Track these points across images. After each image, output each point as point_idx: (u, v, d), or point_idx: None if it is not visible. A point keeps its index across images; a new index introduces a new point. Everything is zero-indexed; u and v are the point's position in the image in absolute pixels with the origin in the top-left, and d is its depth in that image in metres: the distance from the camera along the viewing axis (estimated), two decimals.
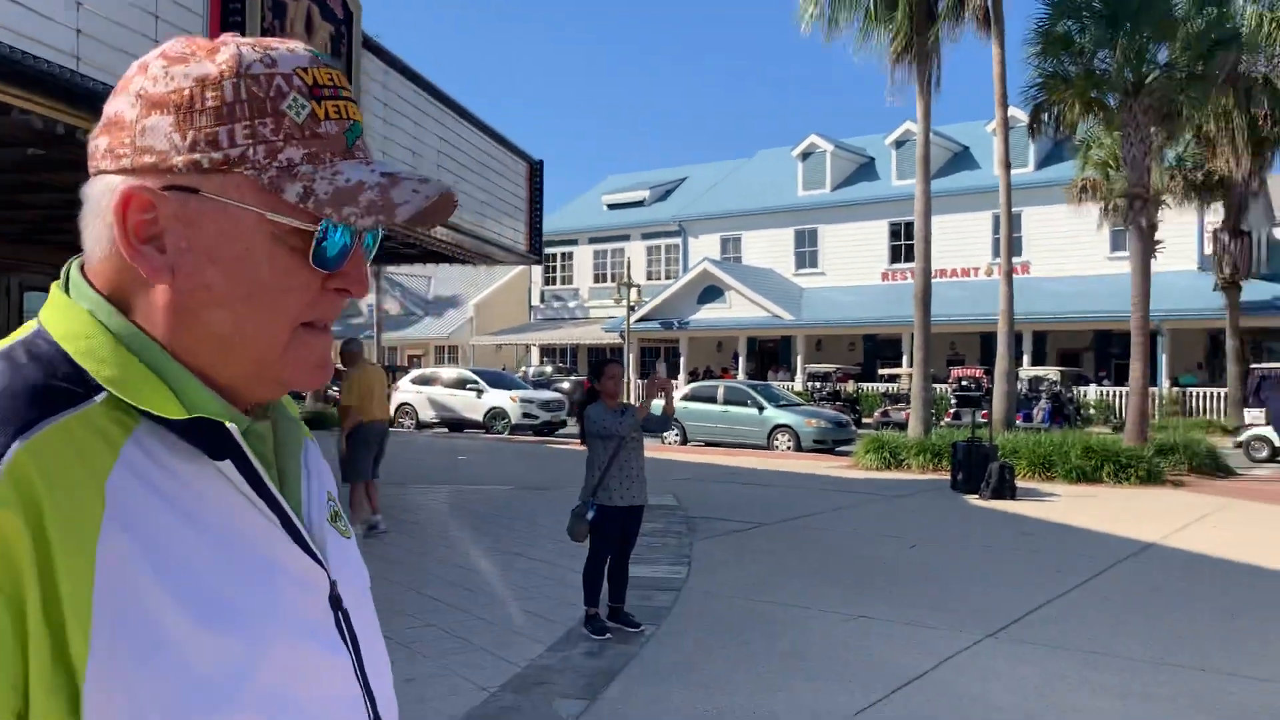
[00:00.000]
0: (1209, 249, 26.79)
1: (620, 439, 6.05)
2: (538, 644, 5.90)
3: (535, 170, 13.11)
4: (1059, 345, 32.23)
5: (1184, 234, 29.23)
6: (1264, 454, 18.67)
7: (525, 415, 23.85)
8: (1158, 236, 22.90)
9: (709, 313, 36.00)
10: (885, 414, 26.65)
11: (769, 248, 38.88)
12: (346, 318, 47.35)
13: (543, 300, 45.06)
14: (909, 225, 30.40)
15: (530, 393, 25.20)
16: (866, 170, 38.94)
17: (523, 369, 39.45)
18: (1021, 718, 4.76)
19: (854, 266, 36.66)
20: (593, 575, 6.13)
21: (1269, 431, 18.76)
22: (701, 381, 27.36)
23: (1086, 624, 6.49)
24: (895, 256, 35.14)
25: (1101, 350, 31.10)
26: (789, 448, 20.51)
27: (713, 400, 22.22)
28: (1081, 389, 28.42)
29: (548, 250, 44.20)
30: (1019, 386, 24.82)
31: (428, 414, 25.13)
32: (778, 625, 6.41)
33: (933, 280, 32.09)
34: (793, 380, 33.62)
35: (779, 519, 10.78)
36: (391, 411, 18.13)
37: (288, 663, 0.79)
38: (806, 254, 38.29)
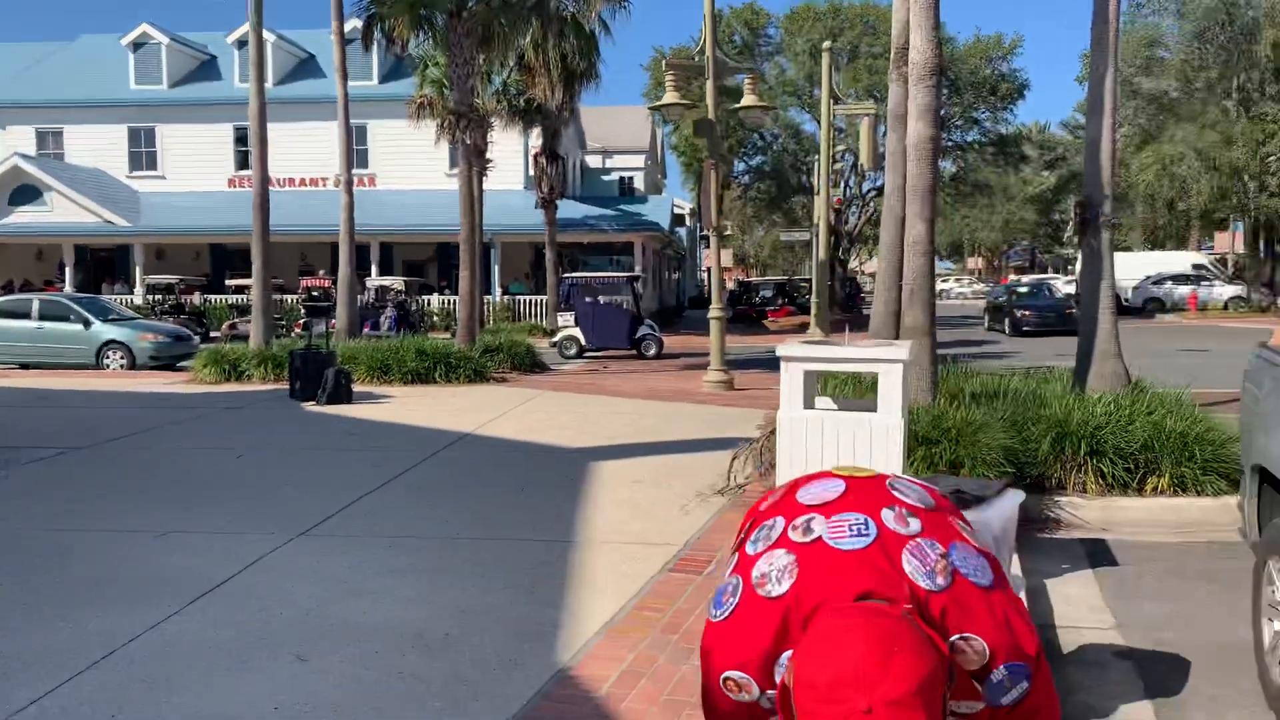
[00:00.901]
0: (532, 170, 29.74)
1: None
2: None
3: None
4: (405, 256, 33.68)
5: (513, 155, 32.10)
6: (573, 351, 21.47)
7: None
8: (490, 156, 24.88)
9: (25, 216, 31.44)
10: (234, 326, 25.79)
11: (98, 145, 34.81)
12: None
13: None
14: None
15: None
16: (208, 69, 36.53)
17: None
18: (317, 606, 4.97)
19: (198, 171, 34.43)
20: None
21: (577, 331, 21.59)
22: (14, 295, 23.98)
23: (397, 512, 6.95)
24: (243, 162, 33.57)
25: (444, 261, 33.12)
26: (123, 365, 18.88)
27: (26, 316, 19.54)
28: (426, 298, 30.17)
29: None
30: (367, 296, 25.58)
31: None
32: (76, 554, 5.89)
33: (283, 189, 31.55)
34: (132, 293, 30.90)
35: (97, 442, 9.87)
36: None
37: None
38: (144, 155, 35.05)
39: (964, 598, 1.59)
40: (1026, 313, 28.60)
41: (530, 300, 31.05)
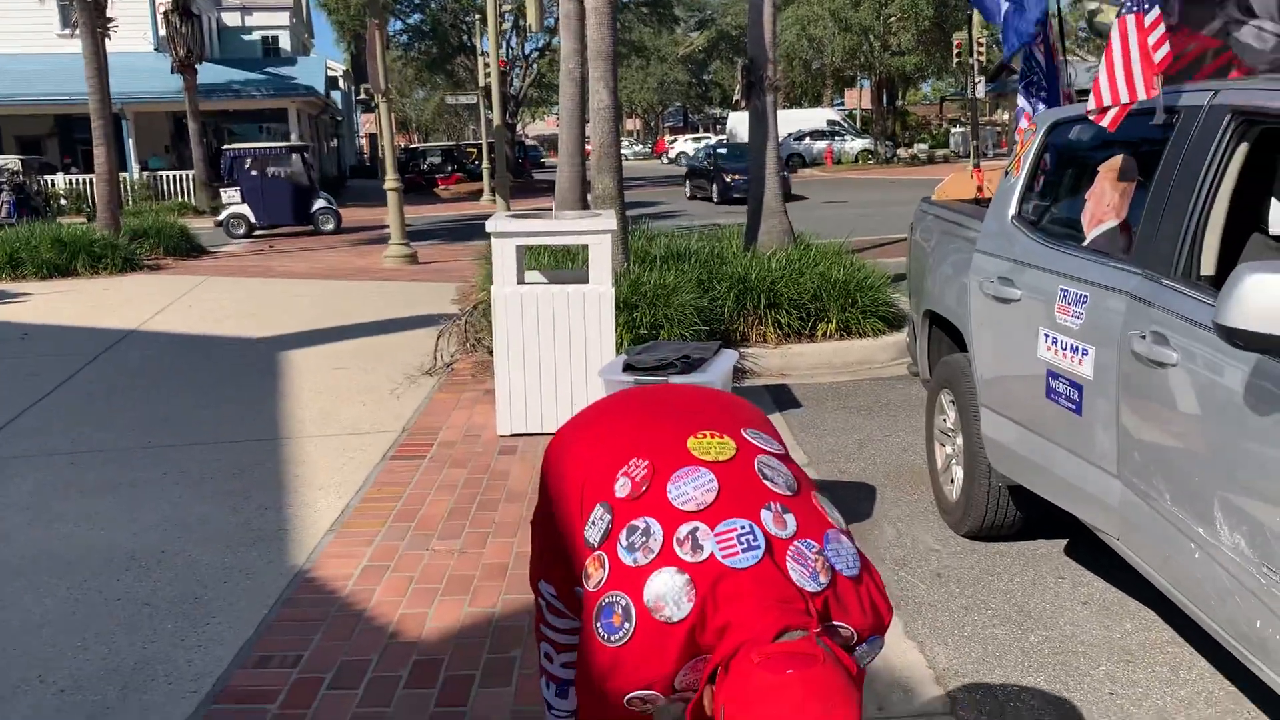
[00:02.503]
0: (164, 30, 26.69)
1: None
2: None
3: None
4: (17, 131, 29.44)
5: (138, 13, 28.59)
6: (242, 230, 19.93)
7: None
8: (110, 14, 21.98)
9: None
10: None
11: None
12: None
13: None
14: None
15: None
16: None
17: None
18: (25, 539, 4.46)
19: None
20: None
21: (245, 209, 20.02)
22: None
23: (72, 425, 6.30)
24: None
25: (66, 136, 29.31)
26: None
27: None
28: (49, 178, 26.66)
29: None
30: None
31: None
32: None
33: None
34: None
35: None
36: None
37: None
38: None
39: (841, 593, 1.71)
40: (736, 177, 23.43)
41: (174, 176, 28.31)
